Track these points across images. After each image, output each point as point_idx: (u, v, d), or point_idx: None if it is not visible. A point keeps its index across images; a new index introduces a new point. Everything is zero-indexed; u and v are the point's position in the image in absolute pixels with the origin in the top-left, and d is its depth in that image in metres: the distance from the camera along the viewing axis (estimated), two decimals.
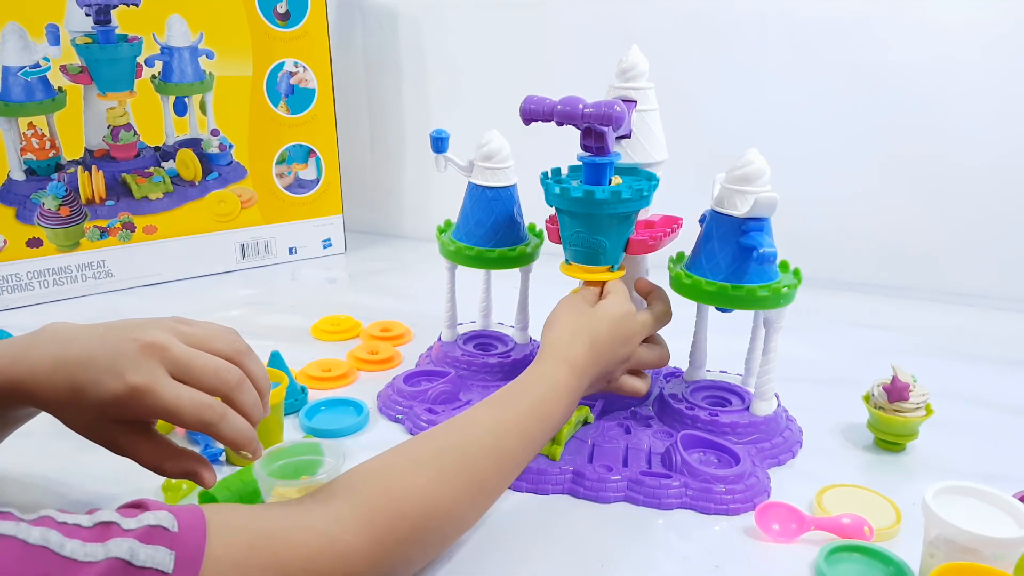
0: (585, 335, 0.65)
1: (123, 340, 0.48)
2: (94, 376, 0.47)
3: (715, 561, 0.57)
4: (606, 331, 0.66)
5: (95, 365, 0.47)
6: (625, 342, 0.67)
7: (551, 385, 0.61)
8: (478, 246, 0.77)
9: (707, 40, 1.10)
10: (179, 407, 0.47)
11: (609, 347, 0.66)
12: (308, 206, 1.24)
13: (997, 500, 0.52)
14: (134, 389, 0.46)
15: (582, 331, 0.65)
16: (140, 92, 1.07)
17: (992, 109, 1.00)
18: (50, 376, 0.47)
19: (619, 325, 0.66)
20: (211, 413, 0.48)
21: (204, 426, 0.48)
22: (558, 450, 0.66)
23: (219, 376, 0.49)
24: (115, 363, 0.47)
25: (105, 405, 0.47)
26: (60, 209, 1.04)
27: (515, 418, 0.58)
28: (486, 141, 0.77)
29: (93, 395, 0.47)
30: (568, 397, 0.62)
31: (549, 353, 0.64)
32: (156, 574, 0.37)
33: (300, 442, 0.59)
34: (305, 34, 1.16)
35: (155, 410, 0.47)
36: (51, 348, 0.48)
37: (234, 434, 0.49)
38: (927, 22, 1.00)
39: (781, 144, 0.90)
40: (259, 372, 0.53)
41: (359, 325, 0.97)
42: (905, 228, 1.08)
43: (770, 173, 0.65)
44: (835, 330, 0.99)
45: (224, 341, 0.52)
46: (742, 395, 0.74)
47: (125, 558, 0.36)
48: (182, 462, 0.51)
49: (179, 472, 0.51)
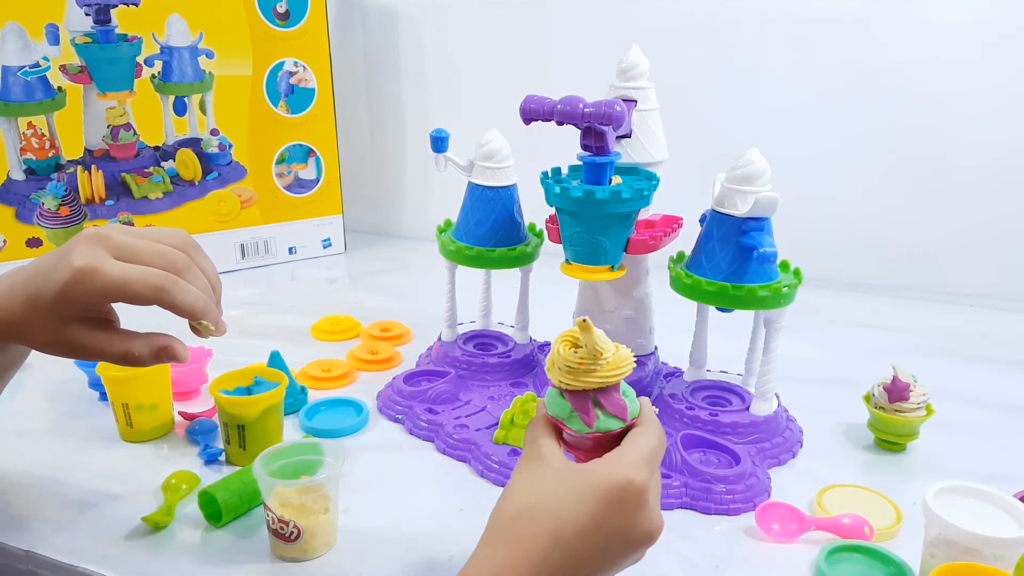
0: (548, 518, 0.42)
1: (66, 244, 0.49)
2: (43, 279, 0.48)
3: (715, 561, 0.57)
4: (586, 516, 0.42)
5: (43, 269, 0.48)
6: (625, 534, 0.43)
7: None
8: (478, 246, 0.77)
9: (707, 40, 1.10)
10: (126, 279, 0.47)
11: (597, 546, 0.43)
12: (308, 206, 1.24)
13: (997, 500, 0.52)
14: (79, 271, 0.46)
15: (543, 510, 0.43)
16: (140, 92, 1.07)
17: (992, 109, 1.00)
18: (8, 298, 0.49)
19: (613, 505, 0.43)
20: (161, 279, 0.48)
21: (156, 293, 0.47)
22: None
23: (165, 258, 0.49)
24: (60, 260, 0.48)
25: (58, 301, 0.47)
26: (60, 209, 1.04)
27: None
28: (486, 141, 0.77)
29: (46, 295, 0.47)
30: None
31: (489, 535, 0.44)
32: None
33: (300, 442, 0.59)
34: (305, 34, 1.16)
35: (104, 288, 0.47)
36: (3, 281, 0.50)
37: (192, 299, 0.48)
38: (927, 22, 1.00)
39: (781, 144, 0.90)
40: (208, 266, 0.52)
41: (359, 325, 0.97)
42: (905, 228, 1.08)
43: (770, 173, 0.65)
44: (835, 330, 0.99)
45: (171, 234, 0.51)
46: (742, 395, 0.73)
47: None
48: (151, 339, 0.50)
49: (149, 351, 0.50)
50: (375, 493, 0.64)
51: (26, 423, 0.73)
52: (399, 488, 0.65)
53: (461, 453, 0.69)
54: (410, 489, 0.65)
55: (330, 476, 0.56)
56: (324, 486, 0.56)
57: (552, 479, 0.44)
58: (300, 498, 0.55)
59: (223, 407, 0.66)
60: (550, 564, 0.41)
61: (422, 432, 0.72)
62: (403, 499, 0.63)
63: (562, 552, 0.42)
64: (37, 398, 0.78)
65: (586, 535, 0.42)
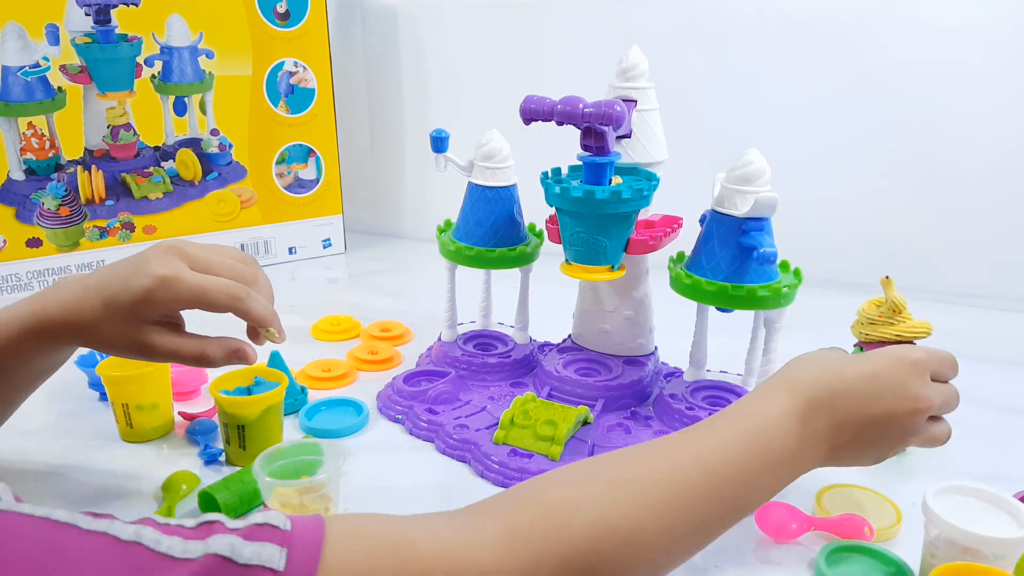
0: (832, 369, 0.51)
1: (141, 254, 0.53)
2: (122, 284, 0.51)
3: (715, 561, 0.57)
4: (868, 365, 0.50)
5: (120, 275, 0.52)
6: (901, 389, 0.50)
7: (763, 412, 0.48)
8: (478, 246, 0.77)
9: (707, 40, 1.10)
10: (206, 287, 0.51)
11: (872, 390, 0.49)
12: (308, 206, 1.24)
13: (997, 500, 0.52)
14: (163, 279, 0.51)
15: (829, 364, 0.51)
16: (140, 92, 1.07)
17: (992, 110, 1.00)
18: (81, 301, 0.52)
19: (900, 367, 0.50)
20: (238, 290, 0.53)
21: (233, 302, 0.52)
22: (558, 450, 0.66)
23: (235, 271, 0.54)
24: (140, 267, 0.52)
25: (137, 304, 0.51)
26: (60, 209, 1.04)
27: (720, 440, 0.47)
28: (486, 141, 0.77)
29: (125, 299, 0.51)
30: (789, 423, 0.48)
31: (773, 379, 0.52)
32: (264, 571, 0.33)
33: (300, 442, 0.59)
34: (305, 34, 1.16)
35: (184, 295, 0.51)
36: (74, 284, 0.53)
37: (261, 309, 0.54)
38: (927, 23, 1.00)
39: (781, 144, 0.90)
40: (265, 279, 0.57)
41: (359, 325, 0.97)
42: (905, 228, 1.08)
43: (770, 173, 0.65)
44: (835, 330, 0.99)
45: (232, 250, 0.57)
46: (742, 395, 0.73)
47: (225, 554, 0.32)
48: (223, 342, 0.55)
49: (223, 352, 0.54)
50: (375, 493, 0.64)
51: (26, 423, 0.73)
52: (399, 488, 0.65)
53: (461, 453, 0.69)
54: (410, 489, 0.65)
55: (330, 476, 0.56)
56: (324, 486, 0.56)
57: (846, 355, 0.53)
58: (300, 498, 0.55)
59: (223, 407, 0.66)
60: (825, 392, 0.48)
61: (422, 432, 0.72)
62: (403, 499, 0.64)
63: (840, 385, 0.49)
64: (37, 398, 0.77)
65: (864, 379, 0.49)
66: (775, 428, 0.47)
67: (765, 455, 0.47)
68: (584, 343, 0.80)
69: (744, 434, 0.47)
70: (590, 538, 0.39)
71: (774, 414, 0.48)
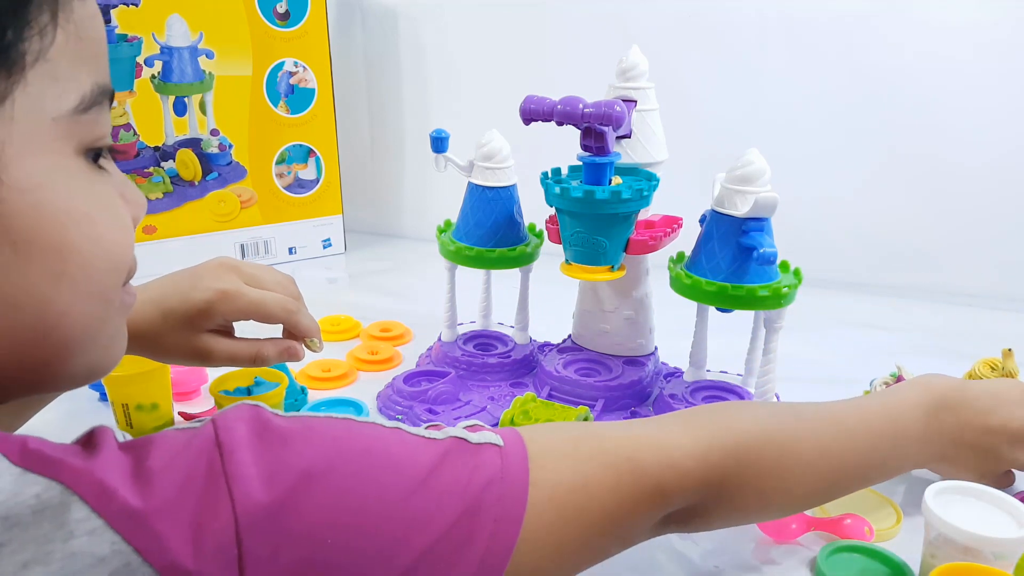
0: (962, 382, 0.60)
1: (196, 269, 0.57)
2: (180, 297, 0.55)
3: (715, 561, 0.57)
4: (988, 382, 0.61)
5: (179, 289, 0.56)
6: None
7: (900, 398, 0.57)
8: (478, 246, 0.77)
9: (707, 40, 1.10)
10: (264, 301, 0.57)
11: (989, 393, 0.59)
12: (308, 206, 1.24)
13: (997, 500, 0.52)
14: (224, 292, 0.55)
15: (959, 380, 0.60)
16: (140, 92, 1.07)
17: (991, 109, 1.00)
18: (141, 312, 0.54)
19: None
20: (291, 304, 0.58)
21: (287, 315, 0.58)
22: None
23: (284, 287, 0.60)
24: (198, 281, 0.56)
25: (196, 315, 0.55)
26: None
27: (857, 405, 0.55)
28: (486, 141, 0.77)
29: (182, 311, 0.55)
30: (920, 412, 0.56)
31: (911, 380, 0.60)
32: (491, 447, 0.39)
33: None
34: (305, 34, 1.16)
35: (244, 307, 0.56)
36: None
37: (308, 321, 0.60)
38: (927, 22, 1.00)
39: (781, 144, 0.89)
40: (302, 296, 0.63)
41: (359, 325, 0.97)
42: (904, 228, 1.08)
43: (770, 173, 0.65)
44: (835, 330, 0.99)
45: (276, 270, 0.62)
46: (742, 395, 0.73)
47: (463, 436, 0.39)
48: (277, 343, 0.59)
49: (277, 352, 0.59)
50: None
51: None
52: None
53: None
54: None
55: None
56: None
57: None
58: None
59: (223, 407, 0.65)
60: (954, 395, 0.57)
61: None
62: None
63: (967, 394, 0.57)
64: None
65: (988, 394, 0.58)
66: (909, 413, 0.55)
67: (896, 435, 0.54)
68: (584, 343, 0.80)
69: (882, 407, 0.55)
70: (755, 434, 0.47)
71: (909, 401, 0.56)
